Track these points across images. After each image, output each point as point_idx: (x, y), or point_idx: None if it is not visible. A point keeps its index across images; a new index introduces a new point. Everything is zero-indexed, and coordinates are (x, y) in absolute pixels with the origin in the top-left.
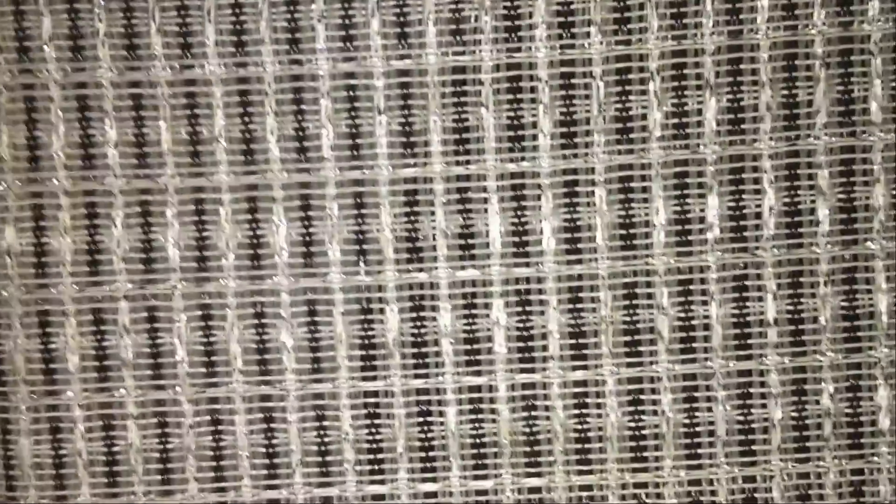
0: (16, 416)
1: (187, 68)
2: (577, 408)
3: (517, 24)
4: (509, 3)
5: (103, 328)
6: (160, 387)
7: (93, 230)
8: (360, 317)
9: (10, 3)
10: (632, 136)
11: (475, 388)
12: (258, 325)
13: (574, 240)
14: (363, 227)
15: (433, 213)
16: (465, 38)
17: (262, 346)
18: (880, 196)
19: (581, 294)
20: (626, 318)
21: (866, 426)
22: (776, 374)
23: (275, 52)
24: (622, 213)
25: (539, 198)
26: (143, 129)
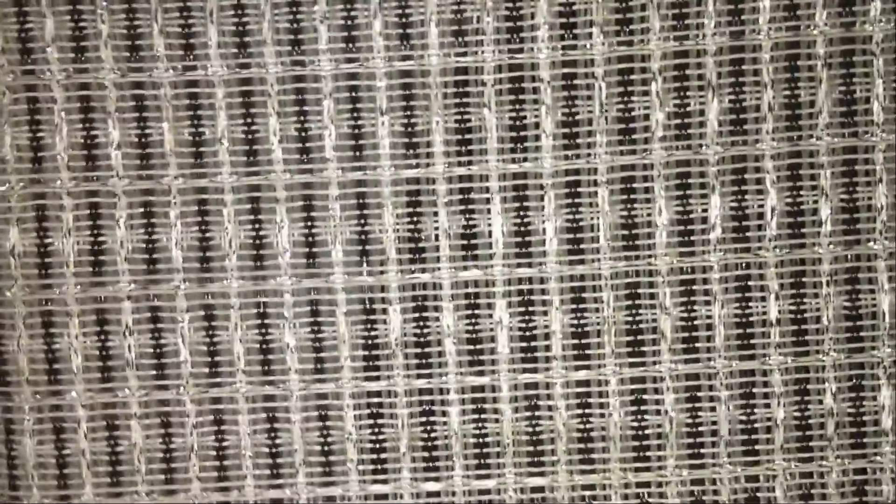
0: (19, 416)
1: (190, 69)
2: (579, 407)
3: (519, 24)
4: (511, 4)
5: (107, 328)
6: (163, 387)
7: (96, 231)
8: (363, 317)
9: (13, 4)
10: (634, 136)
11: (478, 387)
12: (261, 326)
13: (576, 240)
14: (366, 227)
15: (436, 214)
16: (467, 39)
17: (265, 347)
18: (882, 196)
19: (584, 294)
20: (628, 318)
21: (869, 426)
22: (779, 373)
23: (277, 53)
24: (624, 213)
25: (541, 198)
26: (145, 131)
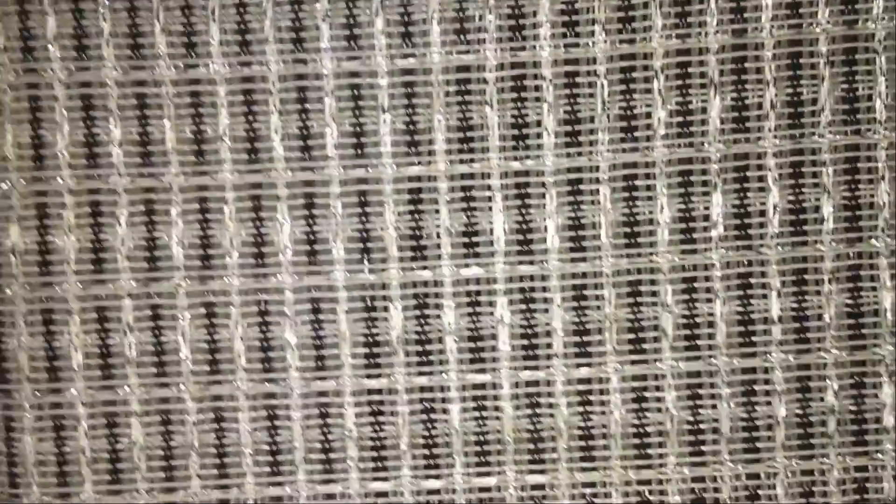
0: (19, 414)
1: (191, 67)
2: (580, 405)
3: (521, 22)
4: (513, 2)
5: (107, 326)
6: (164, 384)
7: (97, 229)
8: (364, 314)
9: (15, 2)
10: (636, 134)
11: (479, 385)
12: (262, 323)
13: (578, 238)
14: (367, 225)
15: (437, 212)
16: (469, 36)
17: (265, 344)
18: (885, 194)
19: (585, 292)
20: (630, 315)
21: (870, 423)
22: (780, 371)
23: (279, 51)
24: (626, 210)
25: (543, 196)
26: (147, 128)
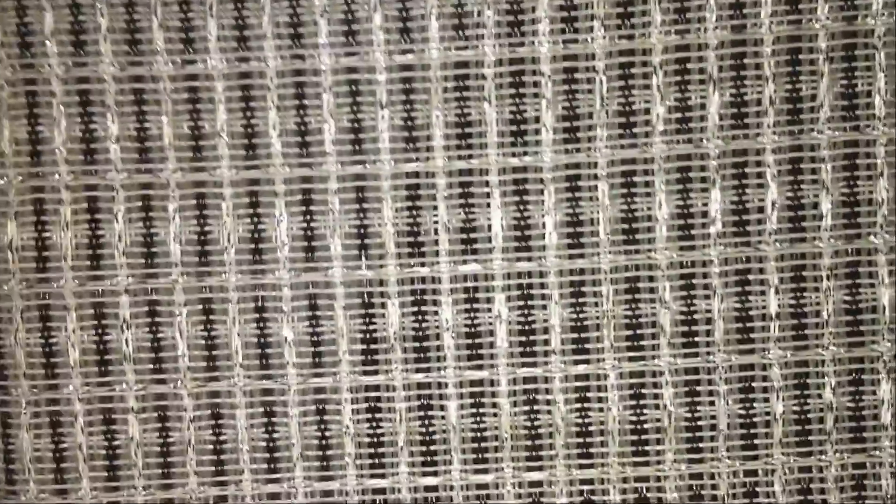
0: (16, 411)
1: (189, 63)
2: (578, 402)
3: (520, 18)
4: None
5: (104, 322)
6: (161, 381)
7: (94, 225)
8: (362, 311)
9: None
10: (635, 130)
11: (476, 382)
12: (259, 320)
13: (576, 234)
14: (365, 221)
15: (435, 208)
16: (467, 32)
17: (263, 341)
18: (883, 190)
19: (583, 288)
20: (628, 312)
21: (868, 420)
22: (778, 368)
23: (277, 46)
24: (625, 207)
25: (541, 192)
26: (144, 124)
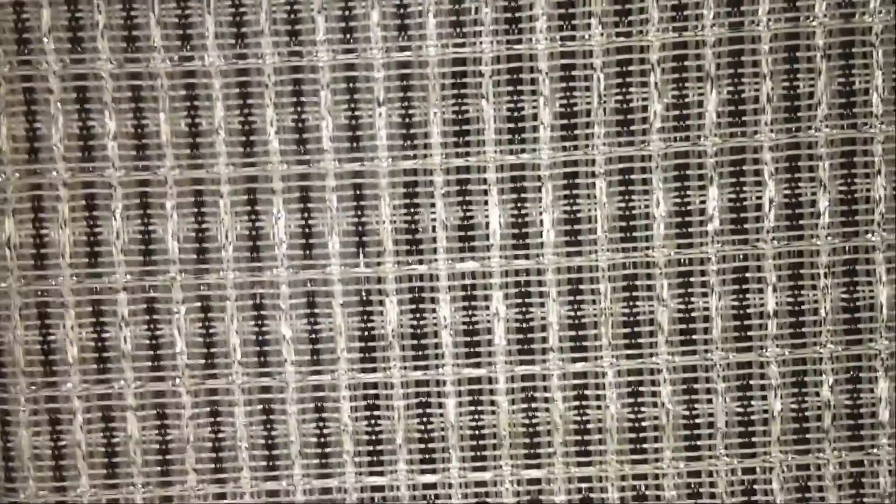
0: (15, 408)
1: (187, 60)
2: (576, 399)
3: (517, 15)
4: None
5: (102, 320)
6: (159, 378)
7: (92, 222)
8: (360, 308)
9: None
10: (632, 127)
11: (475, 379)
12: (257, 317)
13: (574, 231)
14: (363, 218)
15: (433, 205)
16: (465, 29)
17: (261, 338)
18: (881, 188)
19: (581, 286)
20: (625, 309)
21: (866, 418)
22: (776, 365)
23: (274, 43)
24: (622, 204)
25: (539, 190)
26: (142, 121)
